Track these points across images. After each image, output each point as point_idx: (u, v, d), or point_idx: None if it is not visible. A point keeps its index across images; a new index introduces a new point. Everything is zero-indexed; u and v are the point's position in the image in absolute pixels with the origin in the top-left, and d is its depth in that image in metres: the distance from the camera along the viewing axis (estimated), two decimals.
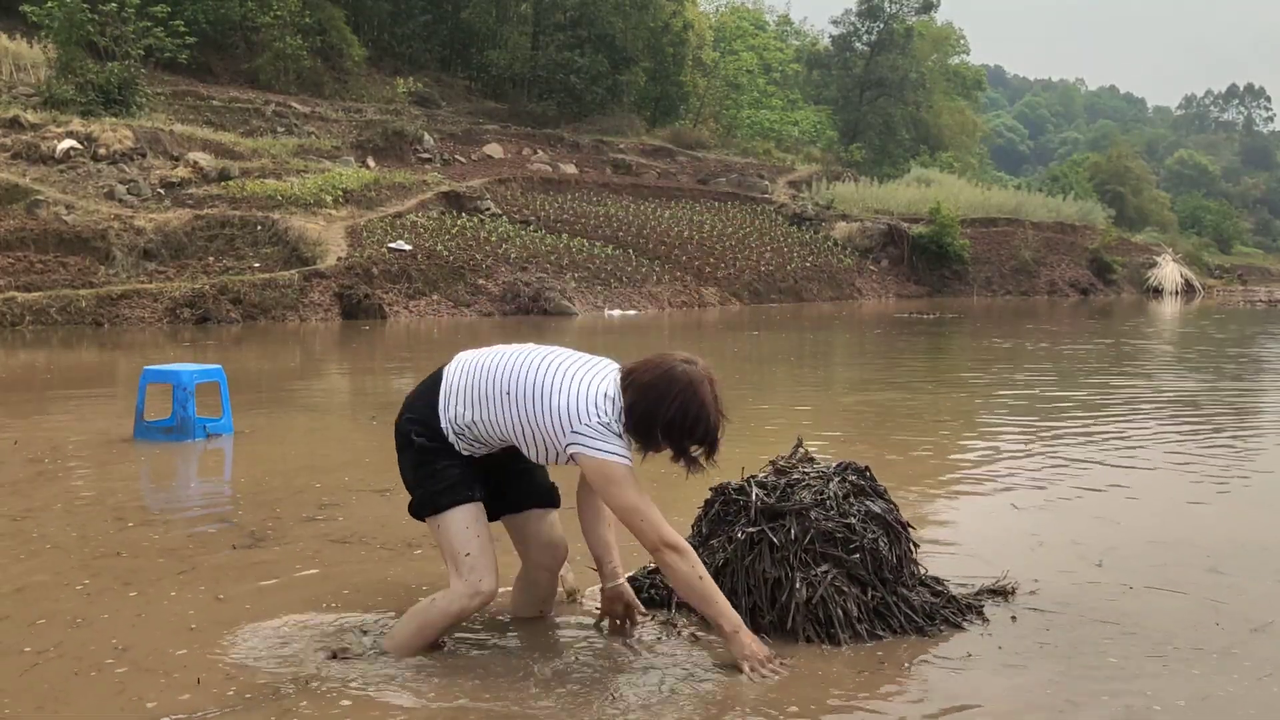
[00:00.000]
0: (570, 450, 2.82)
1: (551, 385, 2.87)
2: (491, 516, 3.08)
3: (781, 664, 2.83)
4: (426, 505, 2.98)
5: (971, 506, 4.95)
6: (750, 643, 2.82)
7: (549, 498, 3.20)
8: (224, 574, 3.68)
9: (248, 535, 4.20)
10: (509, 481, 3.15)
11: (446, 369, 3.05)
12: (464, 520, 2.93)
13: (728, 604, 2.86)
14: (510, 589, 3.27)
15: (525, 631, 3.16)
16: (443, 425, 2.98)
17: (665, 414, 2.80)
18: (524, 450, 2.97)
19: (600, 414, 2.81)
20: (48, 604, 3.35)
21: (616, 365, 2.97)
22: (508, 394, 2.90)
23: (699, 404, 2.81)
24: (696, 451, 2.87)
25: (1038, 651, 3.00)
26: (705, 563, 3.23)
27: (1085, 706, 2.65)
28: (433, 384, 3.04)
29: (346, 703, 2.63)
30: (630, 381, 2.86)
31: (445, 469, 2.97)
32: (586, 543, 3.17)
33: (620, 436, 2.83)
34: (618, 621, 3.13)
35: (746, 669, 2.78)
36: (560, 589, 3.41)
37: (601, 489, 2.84)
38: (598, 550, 3.14)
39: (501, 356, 2.99)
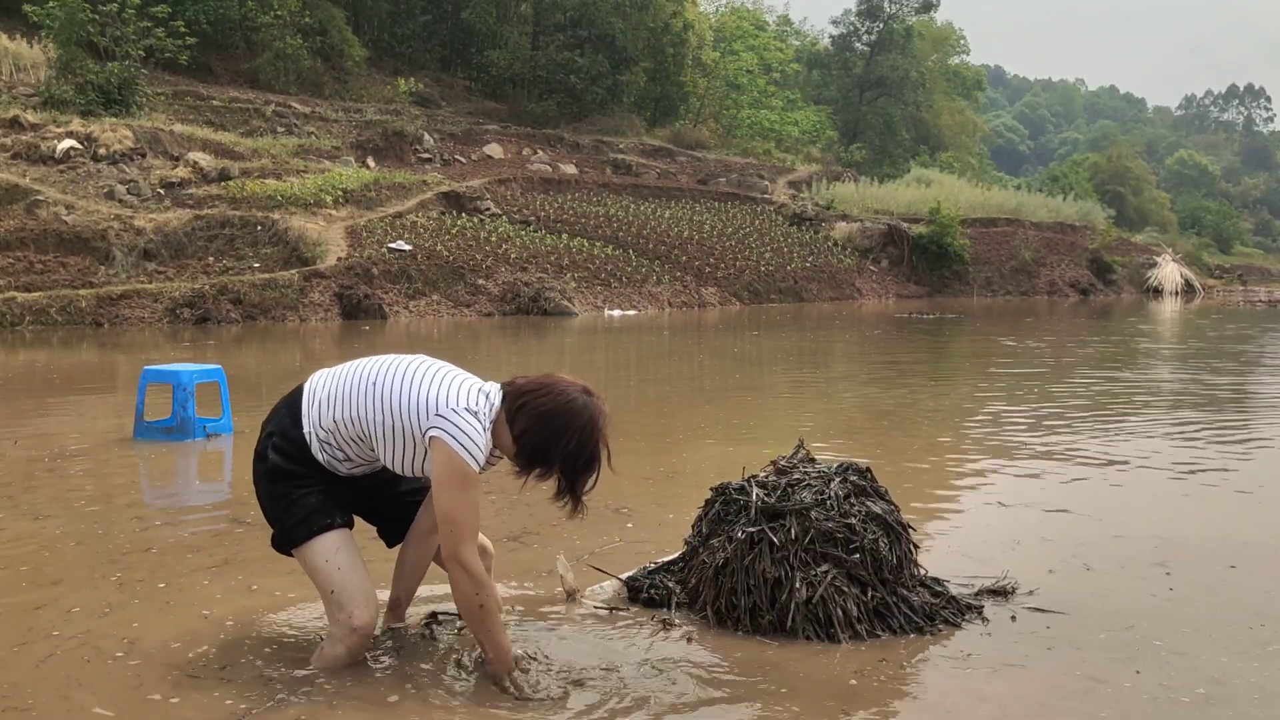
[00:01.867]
0: (430, 434, 2.63)
1: (422, 377, 2.74)
2: (392, 543, 3.02)
3: (518, 691, 2.69)
4: (285, 541, 2.82)
5: (972, 507, 4.95)
6: (505, 668, 2.72)
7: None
8: (257, 568, 3.73)
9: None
10: (395, 506, 3.02)
11: (308, 381, 2.91)
12: (323, 552, 2.76)
13: (502, 640, 2.72)
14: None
15: (520, 634, 3.16)
16: (305, 431, 2.79)
17: (565, 447, 2.64)
18: (383, 454, 2.76)
19: (471, 404, 2.66)
20: (84, 594, 3.44)
21: (494, 382, 2.82)
22: (373, 383, 2.75)
23: (595, 442, 2.67)
24: (586, 488, 2.71)
25: (1038, 652, 3.00)
26: (705, 563, 3.24)
27: (1086, 706, 2.65)
28: (293, 396, 2.90)
29: (354, 702, 2.63)
30: (524, 404, 2.68)
31: (301, 498, 2.79)
32: (396, 573, 3.05)
33: (484, 433, 2.65)
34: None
35: (505, 683, 2.71)
36: (560, 588, 3.41)
37: (443, 483, 2.62)
38: (405, 587, 3.03)
39: (370, 360, 2.86)
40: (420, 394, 2.69)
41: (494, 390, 2.75)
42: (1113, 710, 2.64)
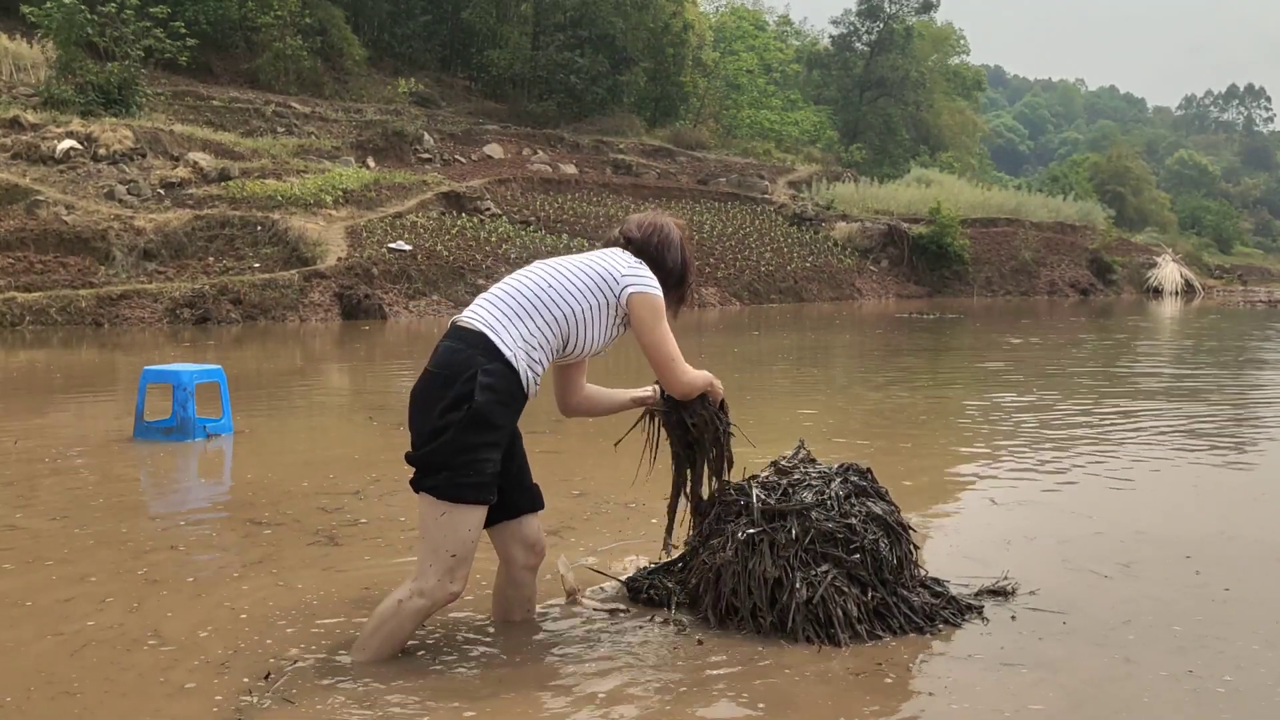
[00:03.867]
0: (628, 292, 2.99)
1: (588, 261, 3.06)
2: (491, 521, 3.04)
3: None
4: (447, 491, 2.78)
5: (972, 507, 4.95)
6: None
7: (539, 501, 3.17)
8: (288, 567, 3.78)
9: (315, 533, 4.27)
10: (506, 486, 3.05)
11: (464, 321, 2.89)
12: (472, 521, 2.84)
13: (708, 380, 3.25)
14: (491, 594, 3.26)
15: (522, 635, 3.16)
16: (508, 356, 2.82)
17: (678, 258, 3.17)
18: (584, 339, 3.00)
19: (633, 261, 3.07)
20: (114, 587, 3.54)
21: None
22: (560, 281, 2.98)
23: (688, 248, 3.22)
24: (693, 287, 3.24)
25: (1038, 652, 3.00)
26: (705, 563, 3.25)
27: (1086, 707, 2.65)
28: (463, 335, 2.86)
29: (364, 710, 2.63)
30: (643, 245, 3.15)
31: (487, 460, 2.80)
32: (602, 410, 3.37)
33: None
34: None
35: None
36: (560, 588, 3.41)
37: (652, 325, 3.01)
38: (617, 399, 3.37)
39: (517, 277, 3.05)
40: (602, 269, 3.02)
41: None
42: (1113, 711, 2.64)
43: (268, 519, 4.47)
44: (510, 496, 3.05)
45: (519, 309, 2.91)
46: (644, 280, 3.03)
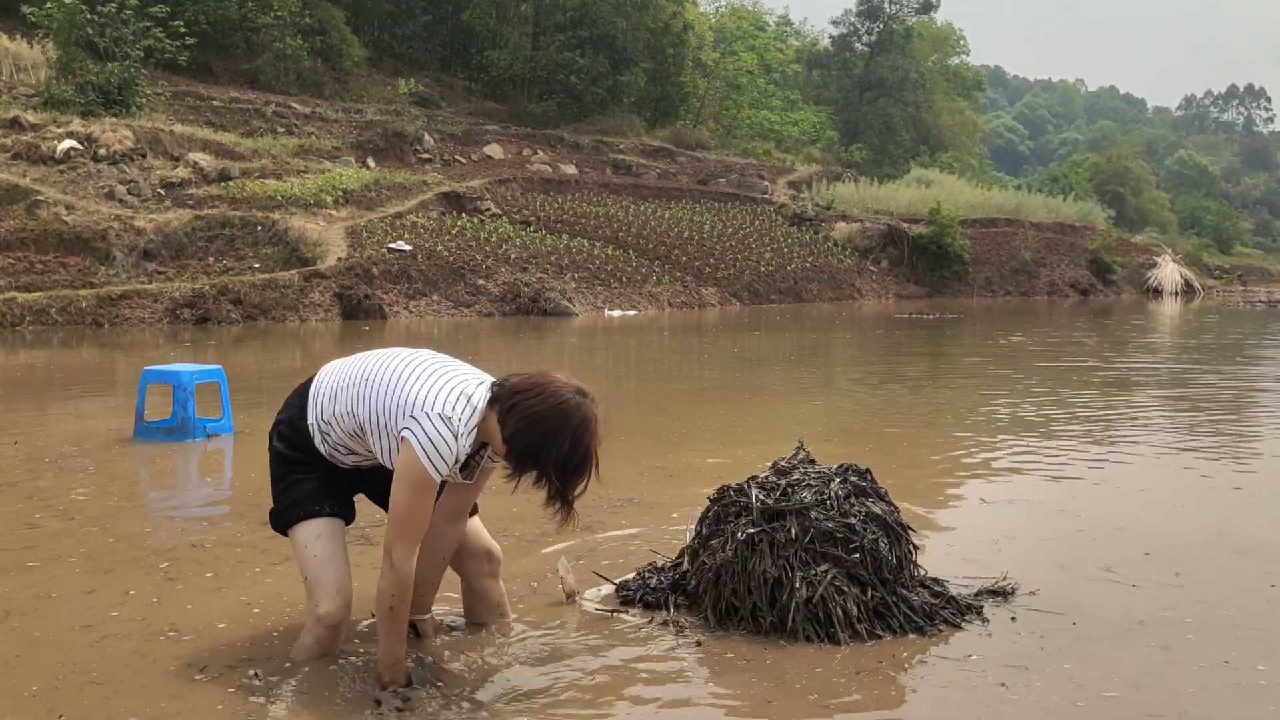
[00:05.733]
0: (401, 434, 2.63)
1: (411, 374, 2.73)
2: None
3: (399, 695, 2.64)
4: (276, 522, 2.92)
5: (972, 507, 4.95)
6: (388, 676, 2.68)
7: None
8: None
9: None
10: None
11: (320, 370, 2.97)
12: (304, 539, 2.81)
13: (395, 649, 2.67)
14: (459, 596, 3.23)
15: (521, 635, 3.16)
16: (310, 422, 2.87)
17: (557, 450, 2.59)
18: (376, 450, 2.78)
19: (448, 408, 2.62)
20: (136, 580, 3.63)
21: (489, 377, 2.79)
22: (366, 379, 2.77)
23: (587, 446, 2.62)
24: (577, 493, 2.66)
25: (1038, 652, 3.00)
26: (705, 564, 3.25)
27: (1086, 707, 2.65)
28: (305, 386, 2.97)
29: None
30: (515, 404, 2.63)
31: (298, 482, 2.86)
32: (418, 584, 2.91)
33: (457, 440, 2.62)
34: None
35: (377, 688, 2.67)
36: (560, 590, 3.41)
37: (400, 481, 2.62)
38: (425, 580, 2.92)
39: (376, 353, 2.89)
40: (402, 393, 2.68)
41: (481, 392, 2.69)
42: (1113, 711, 2.64)
43: None
44: None
45: (334, 390, 2.85)
46: (424, 431, 2.60)
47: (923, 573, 3.39)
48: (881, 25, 51.40)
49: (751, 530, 3.19)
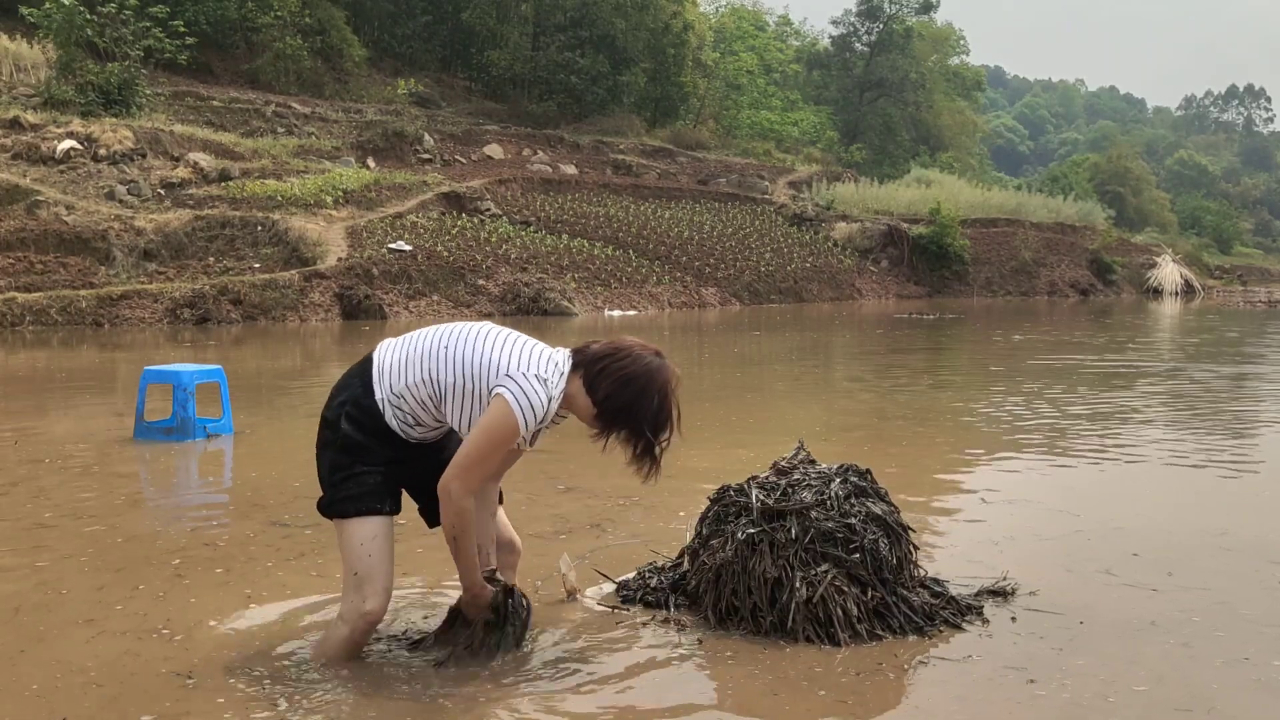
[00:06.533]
0: (496, 391, 2.70)
1: (498, 340, 2.80)
2: (433, 523, 2.98)
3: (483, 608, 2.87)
4: (332, 509, 2.85)
5: (972, 507, 4.94)
6: (472, 610, 2.89)
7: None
8: (329, 560, 3.78)
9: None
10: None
11: (375, 350, 2.94)
12: (362, 534, 2.80)
13: (471, 572, 2.83)
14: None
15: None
16: (378, 397, 2.83)
17: (648, 407, 2.74)
18: (452, 415, 2.81)
19: (544, 371, 2.73)
20: (146, 576, 3.64)
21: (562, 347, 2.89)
22: (446, 347, 2.81)
23: (672, 401, 2.79)
24: (663, 446, 2.79)
25: (1038, 653, 3.00)
26: (705, 564, 3.25)
27: (1086, 707, 2.65)
28: (364, 364, 2.93)
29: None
30: (604, 368, 2.76)
31: (362, 475, 2.82)
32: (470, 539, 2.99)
33: (548, 402, 2.72)
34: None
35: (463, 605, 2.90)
36: (561, 588, 3.41)
37: (484, 428, 2.70)
38: (469, 552, 2.88)
39: (438, 327, 2.90)
40: (493, 356, 2.76)
41: (564, 358, 2.82)
42: (1113, 711, 2.64)
43: (291, 520, 4.46)
44: (432, 506, 2.96)
45: (405, 361, 2.85)
46: (522, 390, 2.70)
47: (923, 573, 3.39)
48: (881, 25, 51.46)
49: (752, 530, 3.19)
